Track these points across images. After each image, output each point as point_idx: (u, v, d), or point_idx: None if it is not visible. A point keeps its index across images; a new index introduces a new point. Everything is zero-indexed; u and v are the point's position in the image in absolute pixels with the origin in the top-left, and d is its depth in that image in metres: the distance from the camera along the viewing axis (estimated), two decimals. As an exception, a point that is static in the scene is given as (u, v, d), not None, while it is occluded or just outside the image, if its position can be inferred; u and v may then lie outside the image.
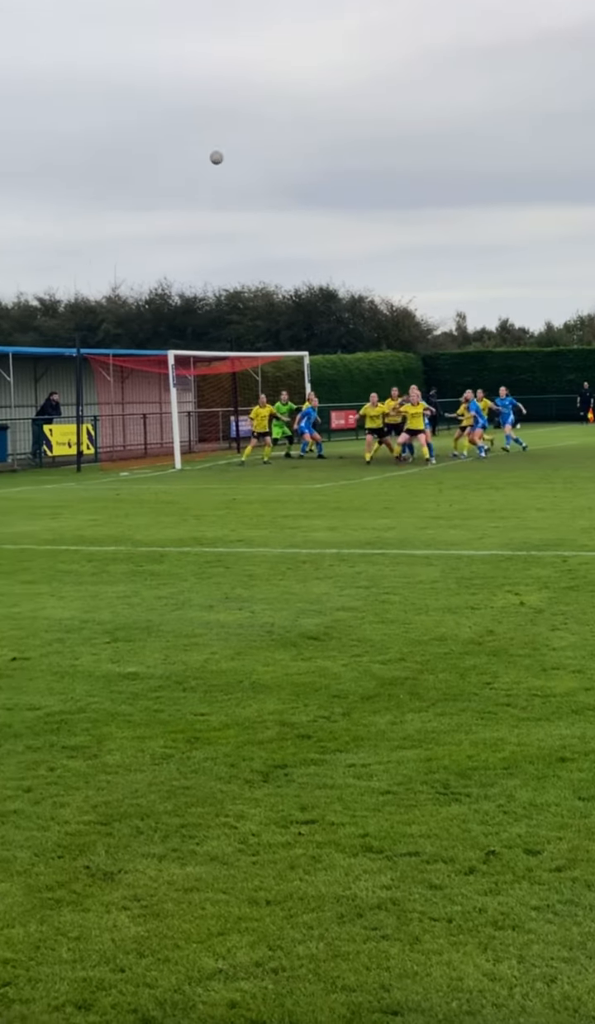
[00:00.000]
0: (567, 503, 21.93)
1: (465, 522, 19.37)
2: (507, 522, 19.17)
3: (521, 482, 27.20)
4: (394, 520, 20.01)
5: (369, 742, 7.57)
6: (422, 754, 7.29)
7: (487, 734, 7.66)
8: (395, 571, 14.39)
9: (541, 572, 13.97)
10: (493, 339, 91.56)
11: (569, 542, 16.51)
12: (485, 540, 17.04)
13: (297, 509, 22.45)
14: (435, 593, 12.81)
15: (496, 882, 5.47)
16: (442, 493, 25.06)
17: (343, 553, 16.09)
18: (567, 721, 7.89)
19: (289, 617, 11.70)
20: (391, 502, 23.35)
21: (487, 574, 13.94)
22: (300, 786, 6.81)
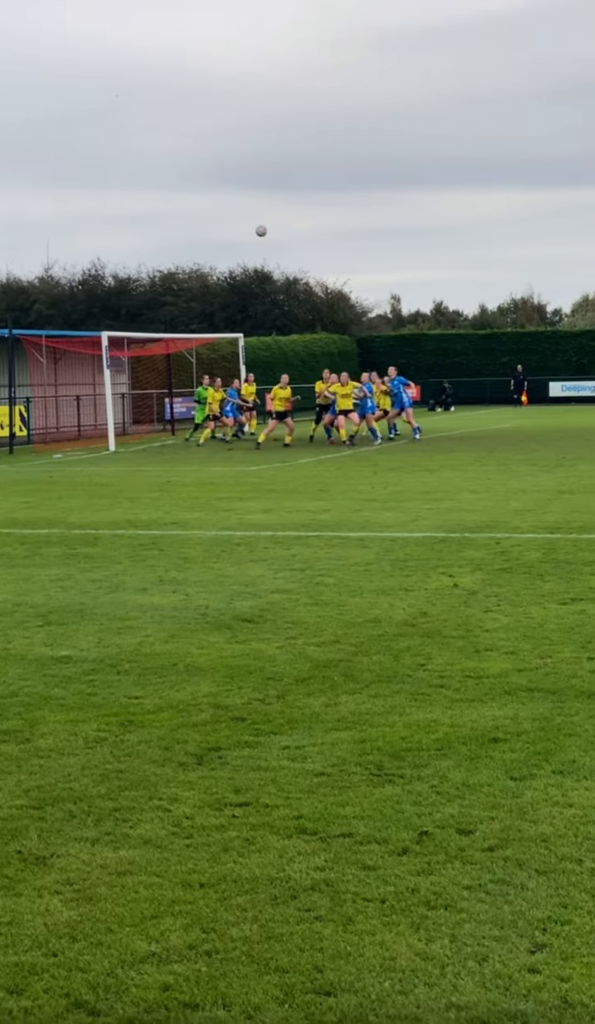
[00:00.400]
0: (500, 485, 22.07)
1: (399, 504, 19.44)
2: (441, 504, 19.26)
3: (455, 464, 27.34)
4: (329, 502, 20.04)
5: (303, 724, 7.58)
6: (356, 736, 7.31)
7: (420, 716, 7.70)
8: (330, 553, 14.41)
9: (474, 554, 14.05)
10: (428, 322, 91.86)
11: (502, 524, 16.63)
12: (419, 522, 17.11)
13: (232, 491, 22.42)
14: (369, 575, 12.85)
15: (429, 862, 5.50)
16: (377, 475, 25.13)
17: (278, 535, 16.10)
18: (500, 702, 7.95)
19: (224, 600, 11.69)
20: (326, 484, 23.38)
21: (421, 556, 14.00)
22: (234, 768, 6.81)
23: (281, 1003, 4.37)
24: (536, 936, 4.81)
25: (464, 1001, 4.34)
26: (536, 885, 5.24)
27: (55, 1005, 4.40)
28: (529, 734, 7.25)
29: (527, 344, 68.32)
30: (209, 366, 50.84)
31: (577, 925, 4.89)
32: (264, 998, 4.40)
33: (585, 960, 4.62)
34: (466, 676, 8.62)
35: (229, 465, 29.26)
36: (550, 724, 7.45)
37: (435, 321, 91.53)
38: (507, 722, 7.51)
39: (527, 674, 8.64)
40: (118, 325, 62.71)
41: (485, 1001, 4.34)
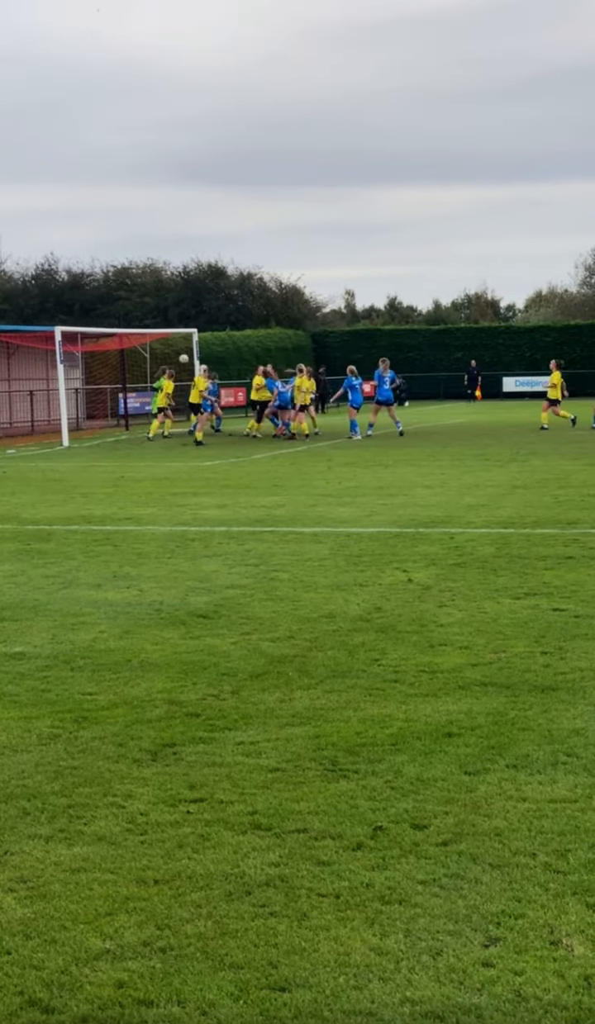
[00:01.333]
0: (454, 480, 22.15)
1: (354, 500, 19.47)
2: (395, 500, 19.31)
3: (409, 460, 27.40)
4: (284, 498, 20.04)
5: (258, 720, 7.58)
6: (311, 731, 7.32)
7: (375, 711, 7.72)
8: (284, 549, 14.42)
9: (429, 549, 14.10)
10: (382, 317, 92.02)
11: (456, 519, 16.69)
12: (374, 517, 17.14)
13: (186, 487, 22.37)
14: (324, 570, 12.86)
15: (383, 857, 5.51)
16: (331, 471, 25.16)
17: (232, 531, 16.08)
18: (454, 697, 7.98)
19: (178, 595, 11.66)
20: (281, 480, 23.38)
21: (375, 551, 14.03)
22: (189, 764, 6.80)
23: (236, 999, 4.37)
24: (490, 930, 4.83)
25: (419, 996, 4.36)
26: (490, 879, 5.27)
27: (8, 1003, 4.38)
28: (483, 729, 7.29)
29: (481, 339, 68.59)
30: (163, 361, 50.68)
31: (530, 919, 4.92)
32: (219, 994, 4.40)
33: (538, 954, 4.65)
34: (420, 671, 8.65)
35: (184, 460, 29.20)
36: (504, 719, 7.48)
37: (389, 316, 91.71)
38: (461, 717, 7.53)
39: (481, 669, 8.68)
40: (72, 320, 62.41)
41: (439, 995, 4.36)
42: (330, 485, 22.02)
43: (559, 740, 7.06)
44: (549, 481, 21.65)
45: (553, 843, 5.63)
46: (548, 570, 12.57)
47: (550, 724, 7.36)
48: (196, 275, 74.39)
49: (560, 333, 67.76)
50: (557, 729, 7.26)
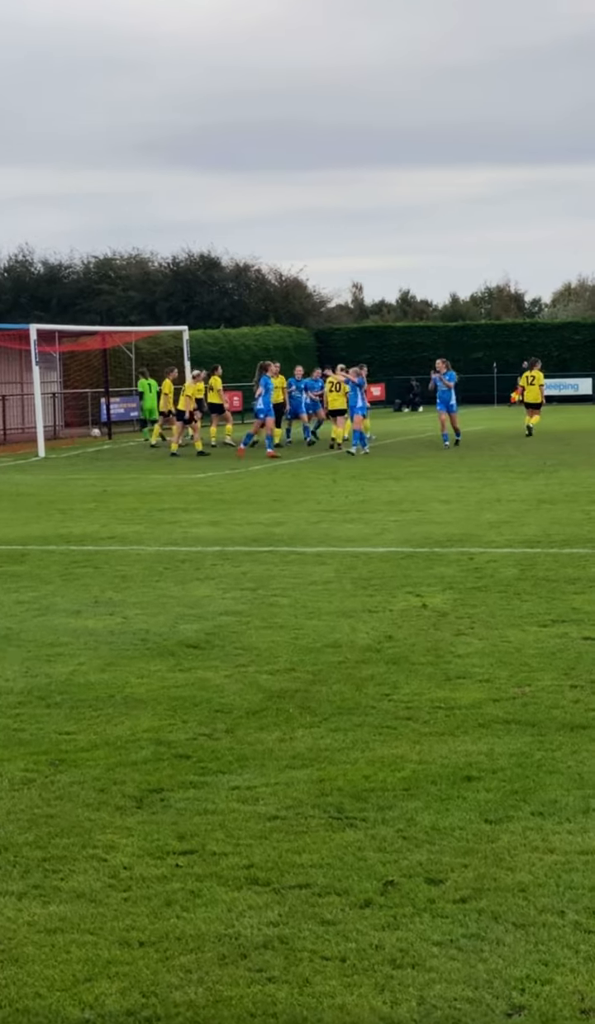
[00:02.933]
0: (473, 495, 22.17)
1: (362, 516, 19.49)
2: (408, 516, 19.33)
3: (424, 472, 27.43)
4: (284, 514, 20.06)
5: (255, 762, 7.58)
6: (313, 774, 7.32)
7: (385, 751, 7.72)
8: (284, 570, 14.43)
9: (445, 571, 14.11)
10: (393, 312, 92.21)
11: (475, 538, 16.70)
12: (384, 536, 17.16)
13: (176, 502, 22.40)
14: (329, 595, 12.87)
15: (394, 915, 5.51)
16: (337, 484, 25.18)
17: (227, 551, 16.10)
18: (473, 736, 7.98)
19: (166, 623, 11.67)
20: (280, 494, 23.41)
21: (386, 573, 14.04)
22: (178, 812, 6.80)
23: (230, 1075, 4.36)
24: (513, 997, 4.82)
25: (434, 1070, 4.35)
26: (513, 940, 5.26)
27: (-24, 1080, 4.37)
28: (506, 771, 7.28)
29: (503, 337, 68.73)
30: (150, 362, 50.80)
31: (558, 985, 4.91)
32: (211, 1070, 4.39)
33: None
34: (436, 707, 8.65)
35: (172, 472, 29.24)
36: (529, 760, 7.48)
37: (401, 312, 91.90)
38: (481, 758, 7.53)
39: (503, 705, 8.68)
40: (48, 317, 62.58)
41: (457, 1070, 4.35)
42: (335, 500, 22.04)
43: (591, 784, 7.05)
44: (579, 495, 21.67)
45: (584, 900, 5.62)
46: (578, 594, 12.58)
47: (581, 766, 7.36)
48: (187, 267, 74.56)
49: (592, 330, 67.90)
50: (588, 772, 7.25)
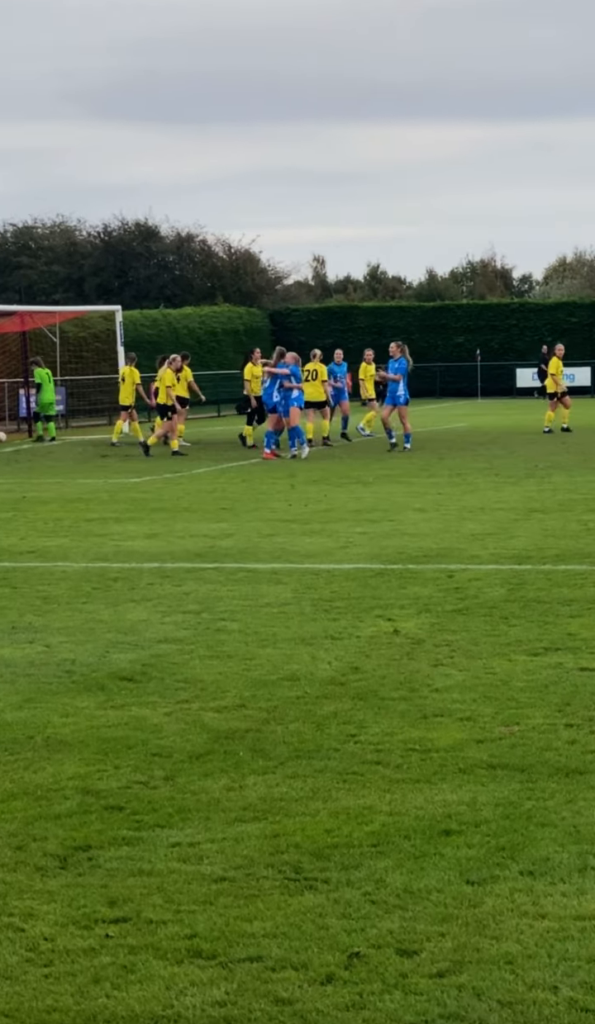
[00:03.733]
0: (454, 502, 22.21)
1: (324, 527, 19.49)
2: (378, 527, 19.34)
3: (396, 475, 27.47)
4: (233, 524, 20.04)
5: (199, 814, 7.56)
6: (267, 829, 7.31)
7: (351, 801, 7.71)
8: (233, 591, 14.41)
9: (421, 591, 14.12)
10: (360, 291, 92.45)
11: (456, 552, 16.73)
12: (349, 550, 17.16)
13: (107, 510, 22.35)
14: (285, 619, 12.86)
15: (360, 993, 5.50)
16: (295, 489, 25.18)
17: (166, 568, 16.07)
18: (452, 783, 7.99)
19: (95, 652, 11.64)
20: (229, 501, 23.39)
21: (352, 594, 14.05)
22: (108, 873, 6.77)
23: None
24: None
25: None
26: (499, 1020, 5.26)
27: None
28: (490, 824, 7.29)
29: (488, 320, 69.10)
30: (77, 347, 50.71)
31: (552, 1072, 4.91)
32: None
33: None
34: (409, 750, 8.65)
35: (103, 476, 29.19)
36: (517, 811, 7.49)
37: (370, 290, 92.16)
38: (462, 809, 7.54)
39: (488, 746, 8.69)
40: (-42, 294, 62.32)
41: None
42: (293, 508, 22.04)
43: (588, 839, 7.07)
44: (576, 503, 21.76)
45: (580, 973, 5.63)
46: (574, 618, 12.62)
47: (577, 818, 7.37)
48: (120, 237, 74.52)
49: (590, 311, 68.28)
50: (586, 824, 7.27)
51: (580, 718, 9.31)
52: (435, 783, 8.00)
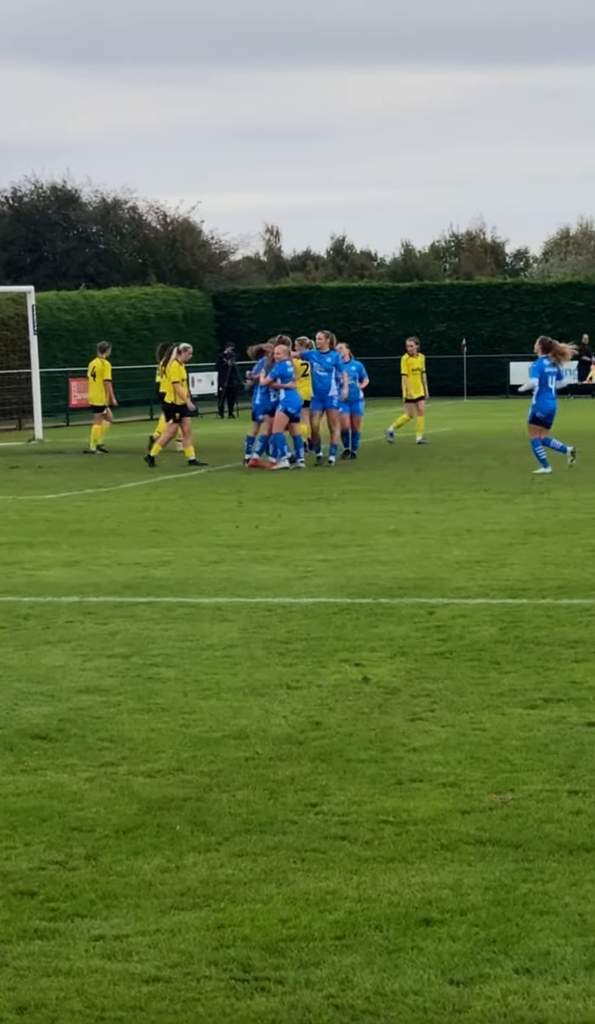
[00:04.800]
0: (435, 523, 22.23)
1: (279, 553, 19.49)
2: (344, 553, 19.35)
3: (366, 490, 27.48)
4: (169, 550, 20.02)
5: (127, 901, 7.54)
6: (209, 918, 7.29)
7: (311, 885, 7.70)
8: (170, 630, 14.39)
9: (395, 630, 14.13)
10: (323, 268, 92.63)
11: (438, 583, 16.74)
12: (309, 581, 17.16)
13: (16, 533, 22.30)
14: (232, 664, 12.86)
15: None
16: (244, 507, 25.16)
17: (88, 602, 16.04)
18: (433, 862, 7.98)
19: (3, 705, 11.61)
20: (164, 522, 23.35)
21: (312, 634, 14.05)
22: (17, 973, 6.74)
23: None
24: None
25: None
26: None
27: None
28: (479, 912, 7.29)
29: (476, 304, 69.36)
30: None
31: None
32: None
33: None
34: (381, 822, 8.65)
35: (12, 491, 29.10)
36: (511, 896, 7.49)
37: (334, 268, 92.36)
38: (445, 893, 7.53)
39: (476, 818, 8.70)
40: None
41: None
42: (242, 530, 22.03)
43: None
44: (581, 523, 21.82)
45: None
46: (580, 663, 12.65)
47: (582, 904, 7.38)
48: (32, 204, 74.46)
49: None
50: (592, 912, 7.27)
51: (586, 783, 9.32)
52: (412, 862, 7.99)
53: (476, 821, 8.64)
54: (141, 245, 76.02)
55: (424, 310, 69.01)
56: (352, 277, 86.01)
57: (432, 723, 10.83)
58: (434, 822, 8.63)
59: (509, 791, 9.20)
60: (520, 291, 70.59)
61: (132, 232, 76.48)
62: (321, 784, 9.41)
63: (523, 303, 69.12)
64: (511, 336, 67.79)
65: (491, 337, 68.38)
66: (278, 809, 8.94)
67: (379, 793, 9.21)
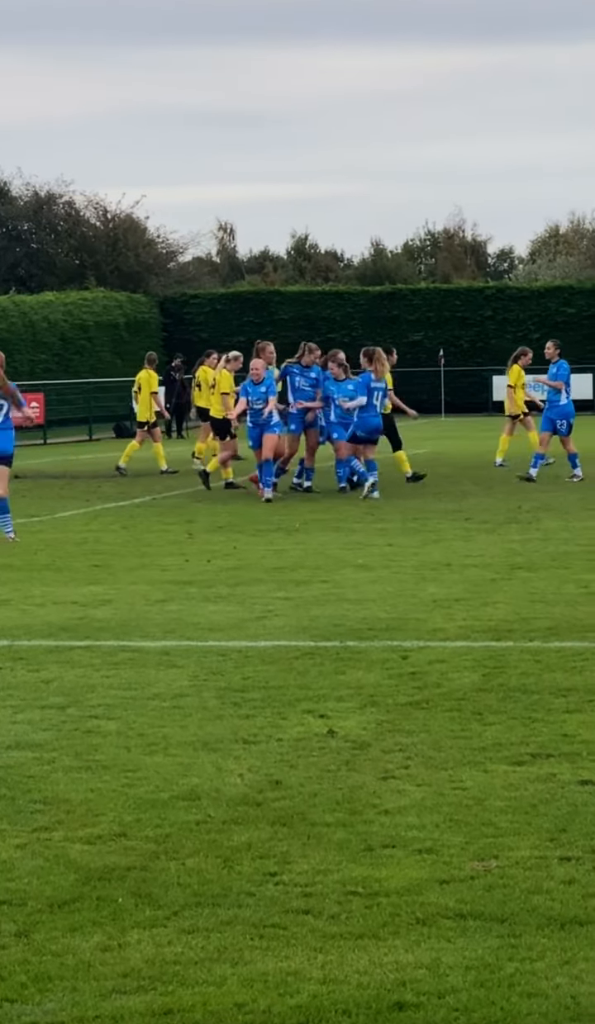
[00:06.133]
0: (410, 557, 22.24)
1: (234, 591, 19.48)
2: (306, 590, 19.35)
3: (331, 520, 27.49)
4: (110, 587, 20.00)
5: (63, 983, 7.52)
6: (156, 1002, 7.29)
7: (270, 964, 7.69)
8: (111, 677, 14.38)
9: (365, 677, 14.13)
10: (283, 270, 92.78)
11: (413, 624, 16.75)
12: (268, 622, 17.16)
13: None
14: (181, 716, 12.85)
15: None
16: (194, 539, 25.16)
17: (19, 647, 16.02)
18: (408, 939, 7.97)
19: None
20: (105, 555, 23.33)
21: (271, 681, 14.05)
22: None
23: None
24: None
25: None
26: None
27: None
28: (459, 994, 7.29)
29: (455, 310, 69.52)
30: None
31: None
32: None
33: None
34: (349, 893, 8.64)
35: None
36: (495, 976, 7.49)
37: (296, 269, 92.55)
38: (421, 973, 7.53)
39: (456, 889, 8.69)
40: None
41: None
42: (192, 565, 22.02)
43: (591, 1013, 7.08)
44: (573, 557, 21.86)
45: None
46: (572, 713, 12.67)
47: (575, 985, 7.38)
48: (-45, 197, 74.33)
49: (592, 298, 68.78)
50: (587, 994, 7.28)
51: (579, 849, 9.33)
52: (384, 939, 7.99)
53: (456, 892, 8.63)
54: (78, 244, 76.00)
55: (397, 317, 69.16)
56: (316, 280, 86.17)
57: (406, 782, 10.83)
58: (408, 893, 8.62)
59: (493, 858, 9.20)
60: (504, 296, 70.79)
61: (68, 230, 76.49)
62: (281, 851, 9.40)
63: (507, 309, 69.31)
64: (494, 346, 67.93)
65: (472, 348, 68.57)
66: (233, 879, 8.93)
67: (347, 861, 9.20)
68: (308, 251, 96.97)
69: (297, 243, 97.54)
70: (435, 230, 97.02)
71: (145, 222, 79.69)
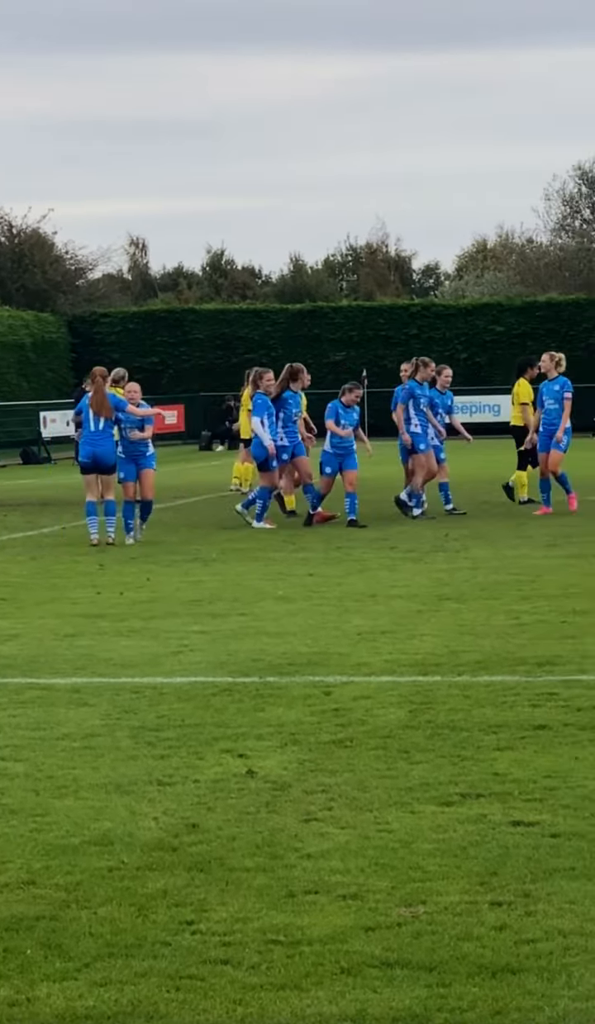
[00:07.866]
0: (332, 587, 22.26)
1: (148, 624, 19.46)
2: (224, 623, 19.34)
3: (249, 549, 27.49)
4: (16, 621, 19.96)
5: (-32, 1041, 7.50)
6: (67, 1060, 7.27)
7: (187, 1017, 7.68)
8: (17, 717, 14.35)
9: (285, 714, 14.14)
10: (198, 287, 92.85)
11: (335, 659, 16.76)
12: (184, 657, 17.15)
13: None
14: (92, 756, 12.82)
15: None
16: (106, 570, 25.12)
17: None
18: (331, 989, 7.97)
19: None
20: (12, 588, 23.28)
21: (187, 720, 14.03)
22: None
23: None
24: None
25: None
26: None
27: None
28: (386, 1047, 7.30)
29: (378, 328, 69.65)
30: None
31: None
32: None
33: None
34: (270, 942, 8.64)
35: None
36: (424, 1028, 7.50)
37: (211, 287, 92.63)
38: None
39: (382, 936, 8.70)
40: None
41: None
42: (103, 597, 21.99)
43: (525, 1065, 7.10)
44: (504, 587, 21.91)
45: None
46: (503, 751, 12.69)
47: (508, 1036, 7.40)
48: None
49: (522, 316, 69.03)
50: (521, 1045, 7.30)
51: (511, 893, 9.34)
52: (307, 989, 7.99)
53: (382, 940, 8.64)
54: (-18, 260, 75.87)
55: (317, 336, 69.22)
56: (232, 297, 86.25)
57: (329, 824, 10.83)
58: (332, 941, 8.62)
59: (420, 904, 9.21)
60: (430, 313, 70.98)
61: (-30, 245, 76.33)
62: (199, 898, 9.39)
63: (433, 327, 69.48)
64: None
65: (396, 368, 68.59)
66: (148, 928, 8.91)
67: (267, 908, 9.19)
68: (224, 267, 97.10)
69: (213, 259, 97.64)
70: (357, 245, 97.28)
71: (53, 237, 79.70)
